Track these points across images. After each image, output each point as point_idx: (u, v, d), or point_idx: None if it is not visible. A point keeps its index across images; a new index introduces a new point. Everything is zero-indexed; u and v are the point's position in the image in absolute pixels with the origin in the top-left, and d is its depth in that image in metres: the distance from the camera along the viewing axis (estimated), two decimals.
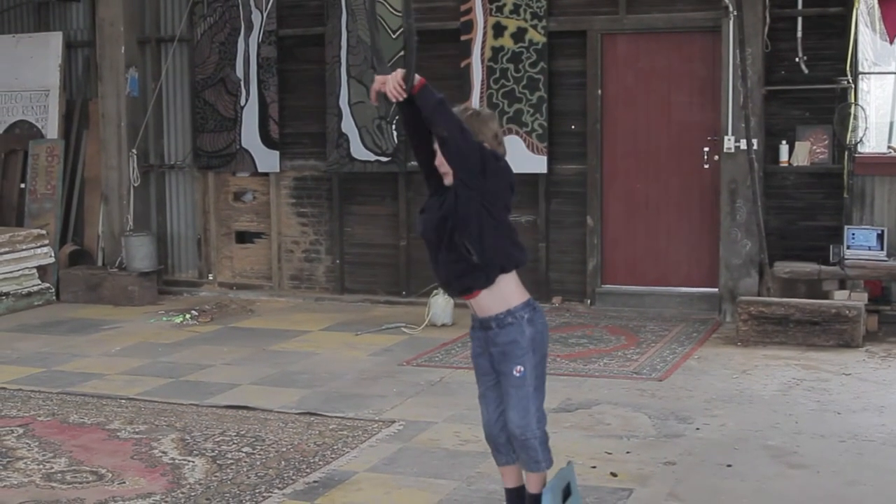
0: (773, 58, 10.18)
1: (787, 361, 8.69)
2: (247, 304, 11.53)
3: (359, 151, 11.44)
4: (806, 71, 9.99)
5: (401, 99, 4.58)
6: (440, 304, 10.30)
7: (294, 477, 5.99)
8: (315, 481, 5.94)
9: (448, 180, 4.61)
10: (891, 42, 9.86)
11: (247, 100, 11.75)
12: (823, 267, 9.80)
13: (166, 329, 10.30)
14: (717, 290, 10.51)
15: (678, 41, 10.68)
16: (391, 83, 4.54)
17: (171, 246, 12.50)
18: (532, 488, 4.79)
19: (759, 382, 8.07)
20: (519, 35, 10.88)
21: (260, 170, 11.89)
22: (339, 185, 11.74)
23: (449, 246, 4.58)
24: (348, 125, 11.45)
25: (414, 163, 11.21)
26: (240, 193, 12.24)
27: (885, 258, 9.76)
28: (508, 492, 4.94)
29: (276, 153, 11.79)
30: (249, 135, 11.78)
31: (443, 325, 10.21)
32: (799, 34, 9.96)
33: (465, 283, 4.61)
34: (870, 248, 9.81)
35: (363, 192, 11.73)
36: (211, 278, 12.29)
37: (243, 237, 12.28)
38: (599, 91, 10.83)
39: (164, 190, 12.47)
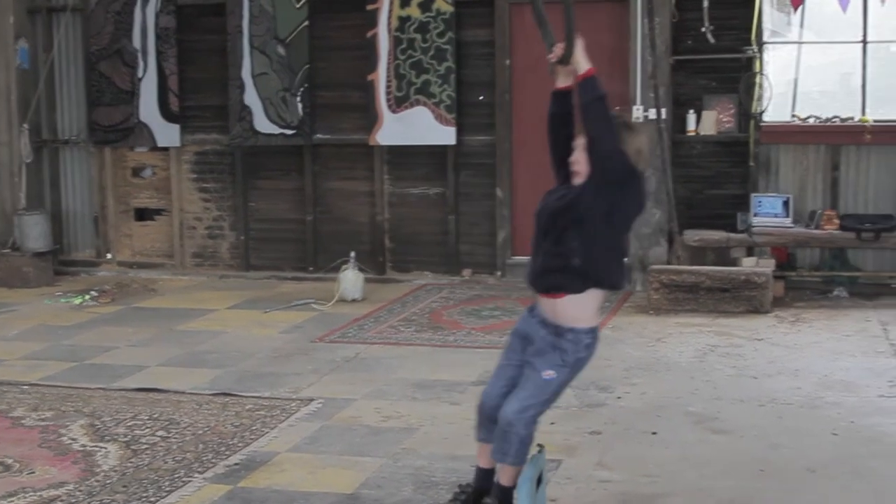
0: (680, 28, 10.21)
1: (699, 328, 8.74)
2: (148, 283, 11.22)
3: (262, 124, 11.20)
4: (712, 41, 10.03)
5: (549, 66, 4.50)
6: (350, 278, 10.15)
7: (213, 460, 5.79)
8: (236, 464, 5.75)
9: (577, 180, 4.40)
10: (794, 10, 9.94)
11: (144, 72, 11.40)
12: (732, 235, 9.90)
13: (65, 311, 9.95)
14: (626, 259, 10.50)
15: (586, 11, 10.48)
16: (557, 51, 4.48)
17: (67, 225, 12.07)
18: (503, 480, 4.63)
19: (675, 350, 8.10)
20: (426, 4, 10.73)
21: (159, 144, 11.57)
22: (242, 159, 11.48)
23: (556, 239, 4.39)
24: (251, 97, 11.19)
25: (320, 135, 11.14)
26: (138, 169, 11.90)
27: (791, 225, 9.89)
28: (479, 471, 4.77)
29: (177, 127, 11.47)
30: (148, 108, 11.44)
31: (353, 301, 10.06)
32: (705, 4, 9.98)
33: (556, 280, 4.40)
34: (776, 216, 9.93)
35: (268, 167, 11.49)
36: (109, 257, 11.92)
37: (143, 214, 11.95)
38: (508, 61, 10.76)
39: (58, 166, 12.03)
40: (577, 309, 4.41)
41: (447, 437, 6.20)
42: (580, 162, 4.36)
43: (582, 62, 4.42)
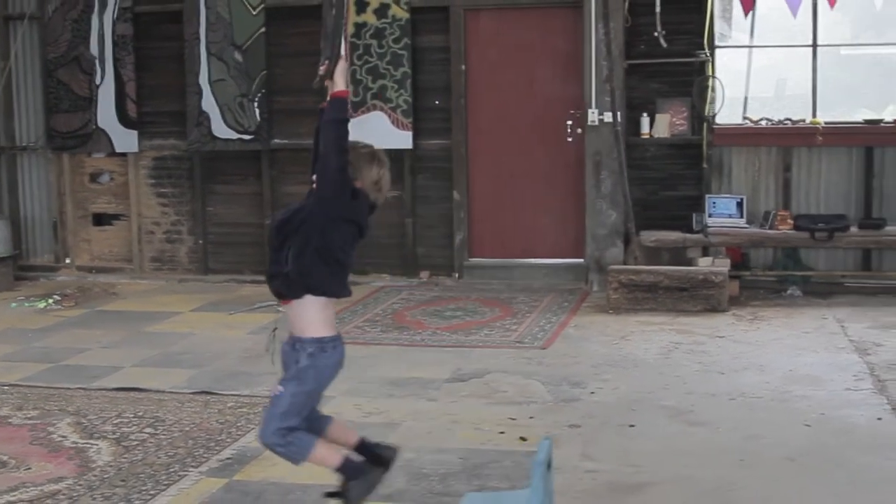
0: (633, 32, 10.44)
1: (660, 326, 8.97)
2: (108, 287, 11.22)
3: (220, 130, 11.26)
4: (665, 45, 10.26)
5: (317, 77, 4.67)
6: None
7: (205, 455, 5.90)
8: (228, 458, 5.86)
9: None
10: (745, 15, 10.24)
11: (102, 78, 11.42)
12: (688, 235, 10.14)
13: (31, 314, 9.95)
14: (583, 260, 10.75)
15: (541, 16, 10.85)
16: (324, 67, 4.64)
17: (26, 230, 12.04)
18: (330, 467, 4.84)
19: (640, 347, 8.31)
20: (382, 11, 10.87)
21: (117, 150, 11.59)
22: (200, 164, 11.54)
23: (278, 247, 4.60)
24: (209, 103, 11.25)
25: (278, 140, 11.25)
26: (96, 175, 11.90)
27: (746, 225, 10.16)
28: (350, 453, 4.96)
29: (135, 133, 11.50)
30: (106, 114, 11.45)
31: None
32: (658, 9, 10.18)
33: (278, 286, 4.65)
34: (730, 216, 10.20)
35: (225, 171, 11.56)
36: (69, 262, 11.92)
37: (101, 219, 11.94)
38: (463, 66, 10.93)
39: (16, 172, 11.99)
40: (303, 315, 4.63)
41: (430, 431, 6.35)
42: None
43: (339, 81, 4.61)
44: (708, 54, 10.29)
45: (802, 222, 9.98)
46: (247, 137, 11.26)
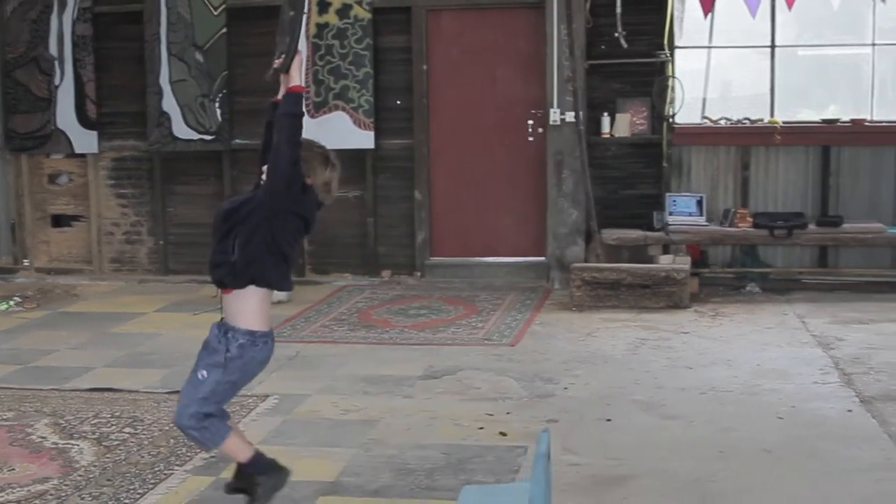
0: (594, 33, 10.57)
1: (625, 323, 9.09)
2: (69, 288, 11.14)
3: (181, 130, 11.22)
4: (625, 45, 10.41)
5: (270, 70, 4.80)
6: None
7: (188, 454, 5.91)
8: (212, 456, 5.85)
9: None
10: (705, 16, 10.40)
11: (61, 79, 11.33)
12: (649, 233, 10.28)
13: None
14: (544, 258, 10.86)
15: (502, 17, 10.94)
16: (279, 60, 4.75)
17: None
18: (238, 458, 4.91)
19: (607, 343, 8.42)
20: (344, 11, 10.90)
21: (77, 151, 11.50)
22: (160, 164, 11.49)
23: (223, 236, 4.65)
24: (170, 104, 11.20)
25: (239, 141, 11.22)
26: (55, 176, 11.80)
27: (706, 223, 10.32)
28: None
29: (94, 133, 11.43)
30: (65, 115, 11.37)
31: (279, 302, 10.09)
32: (618, 10, 10.33)
33: (220, 274, 4.70)
34: (690, 214, 10.36)
35: (186, 172, 11.52)
36: (27, 264, 11.81)
37: (60, 221, 11.85)
38: (425, 66, 10.99)
39: None
40: (240, 306, 4.70)
41: (409, 427, 6.40)
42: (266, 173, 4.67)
43: (295, 76, 4.70)
44: (668, 55, 10.44)
45: (762, 220, 10.16)
46: (208, 138, 11.23)
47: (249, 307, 4.68)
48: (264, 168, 4.70)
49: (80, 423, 6.45)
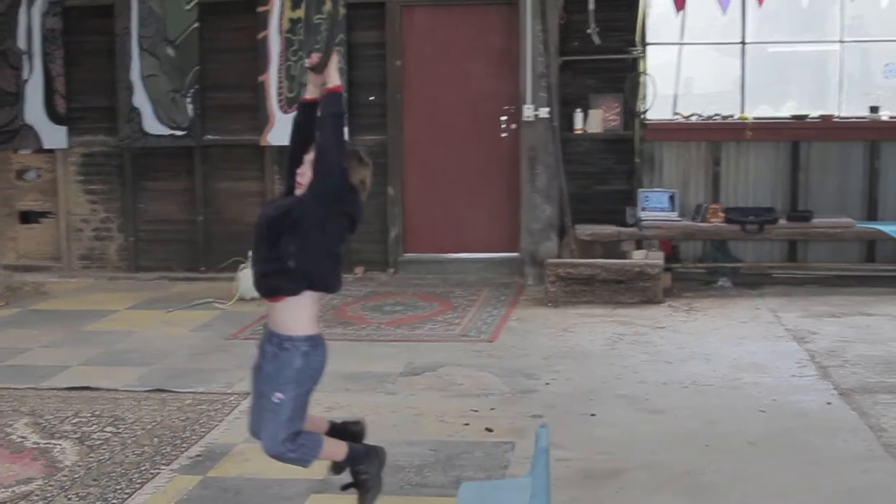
0: (567, 29, 10.60)
1: (601, 318, 9.12)
2: (38, 286, 11.01)
3: (152, 126, 11.14)
4: (598, 42, 10.44)
5: (308, 66, 4.65)
6: (249, 277, 10.12)
7: (174, 453, 5.86)
8: (198, 455, 5.84)
9: (298, 191, 4.61)
10: (677, 12, 10.45)
11: (30, 74, 11.20)
12: (622, 228, 10.32)
13: None
14: (518, 254, 10.87)
15: (476, 13, 10.94)
16: (314, 58, 4.65)
17: None
18: (334, 459, 4.84)
19: (585, 339, 8.44)
20: (317, 7, 10.84)
21: (46, 146, 11.37)
22: (131, 160, 11.39)
23: (273, 244, 4.56)
24: (140, 99, 11.12)
25: (211, 136, 11.15)
26: (23, 171, 11.67)
27: (678, 218, 10.38)
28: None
29: (63, 129, 11.32)
30: (34, 110, 11.24)
31: (252, 299, 10.06)
32: (591, 6, 10.37)
33: (274, 282, 4.61)
34: (662, 210, 10.41)
35: (157, 168, 11.43)
36: None
37: (28, 217, 11.71)
38: (399, 62, 10.97)
39: None
40: (294, 313, 4.59)
41: (396, 424, 6.39)
42: (305, 175, 4.58)
43: (333, 76, 4.63)
44: (640, 51, 10.49)
45: (733, 215, 10.23)
46: (179, 133, 11.15)
47: (305, 313, 4.59)
48: (299, 170, 4.59)
49: (60, 423, 6.38)
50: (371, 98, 11.06)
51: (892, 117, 10.57)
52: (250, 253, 4.79)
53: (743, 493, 5.29)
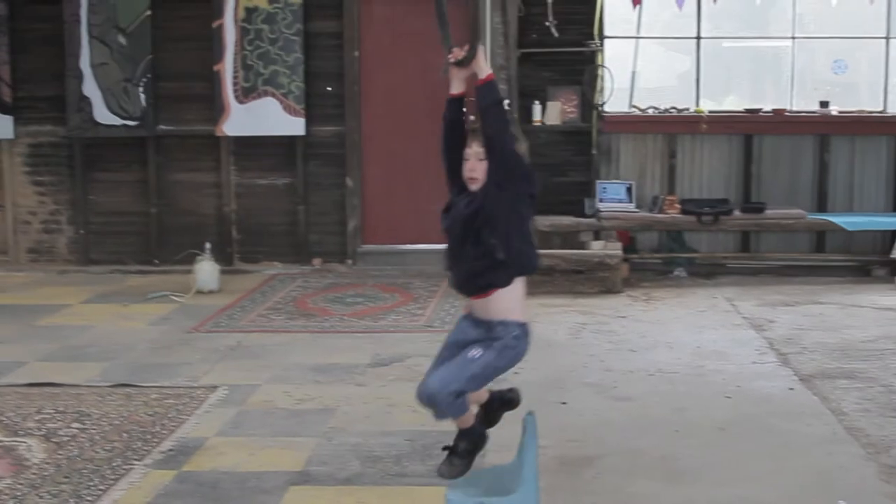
0: (526, 22, 10.61)
1: (563, 308, 9.16)
2: None
3: (103, 115, 10.99)
4: (556, 35, 10.47)
5: (445, 65, 4.66)
6: (206, 270, 10.10)
7: (145, 448, 5.77)
8: (170, 450, 5.76)
9: (474, 186, 4.54)
10: (634, 6, 10.51)
11: None
12: (581, 219, 10.36)
13: None
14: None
15: (432, 5, 10.87)
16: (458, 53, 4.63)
17: None
18: (458, 424, 4.87)
19: (548, 328, 8.46)
20: None
21: None
22: (81, 151, 11.22)
23: (475, 242, 4.53)
24: (90, 88, 10.96)
25: (164, 127, 11.01)
26: None
27: (636, 210, 10.44)
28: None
29: (9, 118, 11.12)
30: None
31: (210, 292, 10.01)
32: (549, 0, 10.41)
33: (486, 279, 4.55)
34: (620, 201, 10.47)
35: (108, 159, 11.27)
36: None
37: None
38: (356, 53, 10.92)
39: None
40: (507, 302, 4.60)
41: (368, 415, 6.36)
42: (476, 170, 4.53)
43: (483, 67, 4.64)
44: (598, 44, 10.53)
45: (689, 206, 10.32)
46: (131, 123, 11.01)
47: (518, 299, 4.59)
48: (467, 166, 4.52)
49: (23, 420, 6.24)
50: (328, 88, 10.99)
51: (841, 112, 10.74)
52: (445, 258, 4.70)
53: (717, 476, 5.36)
